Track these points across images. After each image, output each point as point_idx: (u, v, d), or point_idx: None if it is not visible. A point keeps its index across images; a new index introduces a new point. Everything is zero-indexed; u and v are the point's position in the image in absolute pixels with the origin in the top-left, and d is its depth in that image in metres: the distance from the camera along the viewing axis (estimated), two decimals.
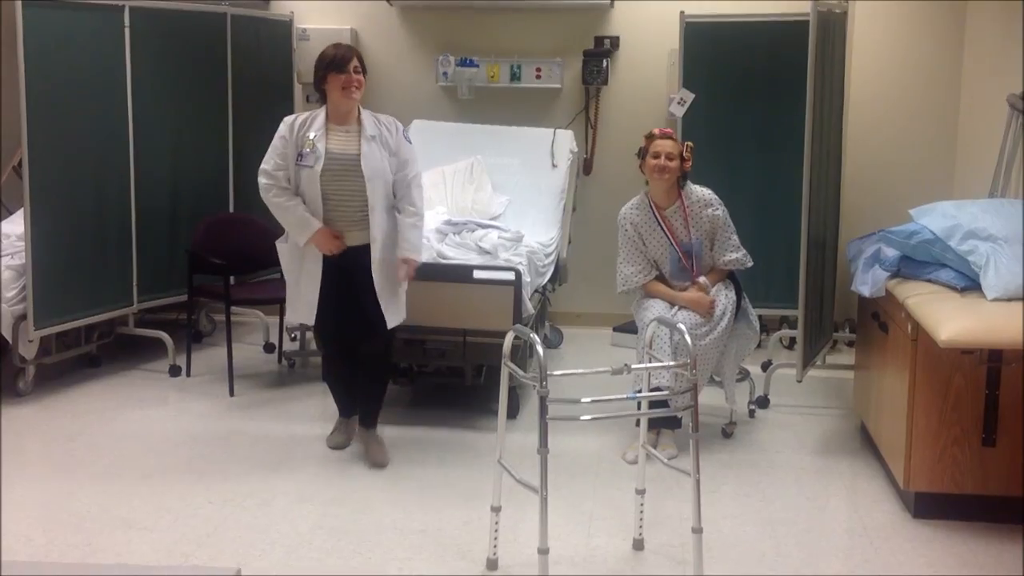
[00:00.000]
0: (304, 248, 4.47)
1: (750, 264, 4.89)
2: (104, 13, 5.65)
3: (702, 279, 4.80)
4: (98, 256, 5.69)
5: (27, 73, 5.17)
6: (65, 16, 5.45)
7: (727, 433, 4.97)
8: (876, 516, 4.14)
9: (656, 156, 4.73)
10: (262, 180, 4.46)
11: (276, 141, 4.47)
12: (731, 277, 4.93)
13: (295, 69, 6.70)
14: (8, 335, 5.26)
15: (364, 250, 4.44)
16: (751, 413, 5.27)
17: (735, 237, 4.88)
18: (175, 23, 6.00)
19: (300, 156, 4.41)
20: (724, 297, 4.80)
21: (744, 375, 5.36)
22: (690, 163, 4.80)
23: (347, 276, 4.47)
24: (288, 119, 4.49)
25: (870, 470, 4.58)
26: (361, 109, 4.51)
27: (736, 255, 4.85)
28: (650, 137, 4.82)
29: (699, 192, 4.85)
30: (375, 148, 4.44)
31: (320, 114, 4.47)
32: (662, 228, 4.79)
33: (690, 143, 4.87)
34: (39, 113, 5.26)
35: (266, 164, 4.46)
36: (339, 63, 4.38)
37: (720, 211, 4.85)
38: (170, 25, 5.97)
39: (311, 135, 4.41)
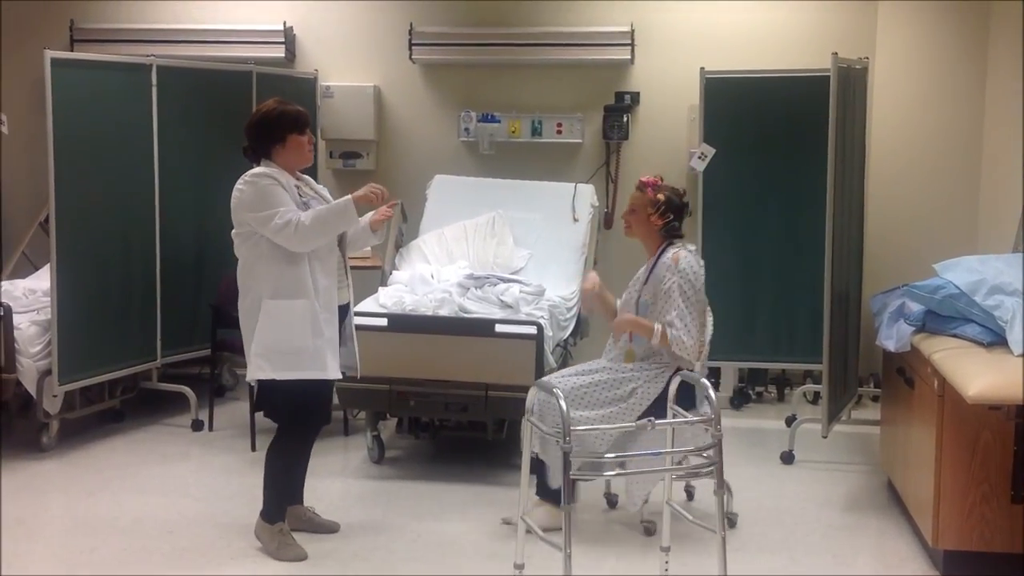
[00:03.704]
0: (324, 303, 4.13)
1: (678, 351, 4.19)
2: (132, 72, 5.74)
3: (628, 316, 4.30)
4: (123, 311, 5.72)
5: (55, 130, 5.25)
6: (93, 74, 5.54)
7: (649, 531, 4.39)
8: (905, 574, 4.08)
9: None
10: (289, 219, 3.97)
11: (271, 189, 4.03)
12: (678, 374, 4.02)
13: (319, 125, 6.77)
14: (33, 390, 5.29)
15: (345, 307, 4.33)
16: (730, 522, 4.47)
17: (673, 314, 4.20)
18: (201, 81, 6.09)
19: (305, 204, 4.13)
20: (644, 380, 4.28)
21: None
22: (663, 220, 4.32)
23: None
24: (263, 171, 4.08)
25: (898, 527, 4.52)
26: None
27: (671, 330, 4.16)
28: None
29: (668, 255, 4.32)
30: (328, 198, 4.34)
31: (275, 169, 4.12)
32: (639, 277, 4.48)
33: (661, 194, 4.33)
34: (66, 169, 5.32)
35: (285, 215, 3.99)
36: (303, 124, 4.18)
37: (673, 280, 4.25)
38: (196, 83, 6.05)
39: (293, 184, 4.15)
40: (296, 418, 4.22)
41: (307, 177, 4.36)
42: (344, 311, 4.31)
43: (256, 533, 4.25)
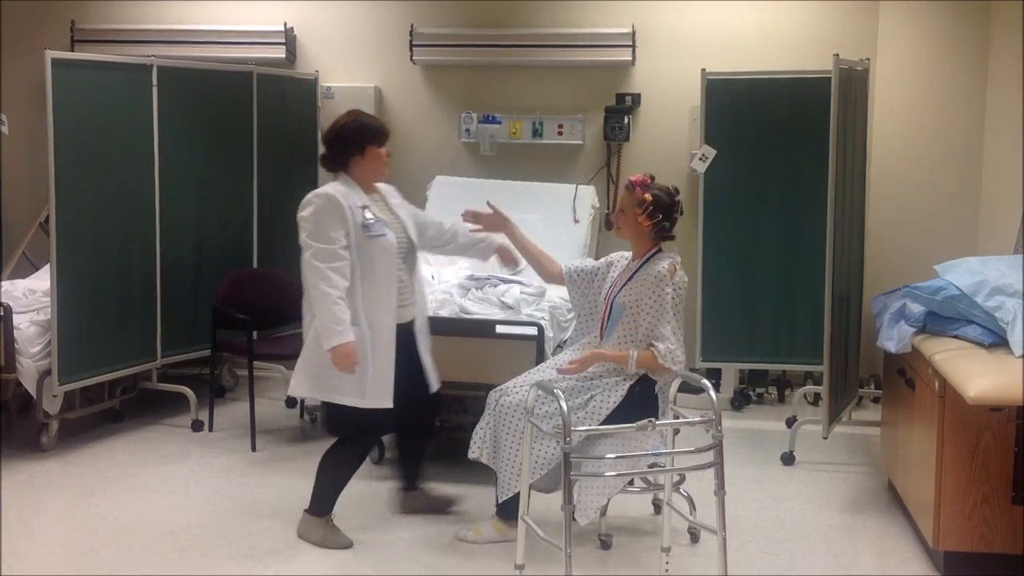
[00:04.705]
0: (375, 327, 4.12)
1: (673, 366, 3.96)
2: (132, 72, 5.74)
3: (593, 352, 4.07)
4: (122, 311, 5.72)
5: (55, 130, 5.24)
6: (94, 75, 5.54)
7: (606, 545, 4.28)
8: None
9: None
10: (319, 269, 3.98)
11: (330, 223, 4.01)
12: (647, 380, 4.10)
13: (319, 126, 6.77)
14: (32, 390, 5.28)
15: (409, 325, 4.31)
16: (693, 537, 4.37)
17: (668, 328, 3.99)
18: (202, 81, 6.09)
19: (365, 227, 4.08)
20: (603, 388, 4.08)
21: (680, 479, 4.33)
22: (651, 220, 4.09)
23: (399, 353, 4.24)
24: (330, 190, 4.08)
25: (898, 528, 4.52)
26: None
27: (661, 345, 3.96)
28: None
29: (661, 263, 4.08)
30: (406, 215, 4.35)
31: (350, 184, 4.16)
32: (617, 276, 4.26)
33: (649, 194, 4.10)
34: (67, 170, 5.32)
35: (332, 242, 4.00)
36: (383, 136, 4.22)
37: (669, 292, 4.01)
38: (197, 83, 6.05)
39: (360, 204, 4.11)
40: (345, 433, 4.31)
41: (385, 189, 4.33)
42: (408, 328, 4.28)
43: (300, 533, 4.32)
